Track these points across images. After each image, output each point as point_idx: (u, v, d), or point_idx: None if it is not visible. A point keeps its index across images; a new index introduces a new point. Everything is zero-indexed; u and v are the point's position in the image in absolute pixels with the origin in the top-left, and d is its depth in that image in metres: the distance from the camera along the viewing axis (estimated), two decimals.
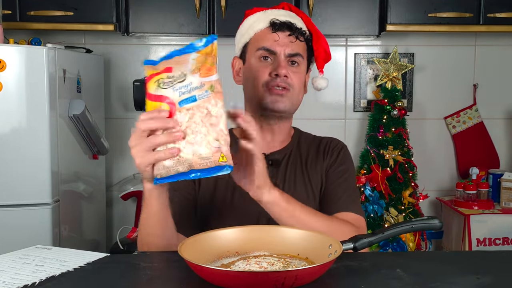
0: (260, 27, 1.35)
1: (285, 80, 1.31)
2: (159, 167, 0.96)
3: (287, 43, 1.33)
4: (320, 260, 0.90)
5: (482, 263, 1.00)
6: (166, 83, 0.96)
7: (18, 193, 2.14)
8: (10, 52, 2.10)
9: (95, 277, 0.92)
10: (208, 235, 1.01)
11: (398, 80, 2.83)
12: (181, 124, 0.94)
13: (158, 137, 0.94)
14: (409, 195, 2.74)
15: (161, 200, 1.11)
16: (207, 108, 0.94)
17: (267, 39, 1.33)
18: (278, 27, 1.33)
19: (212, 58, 0.97)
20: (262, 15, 1.37)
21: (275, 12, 1.37)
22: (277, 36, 1.33)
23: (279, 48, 1.32)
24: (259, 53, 1.34)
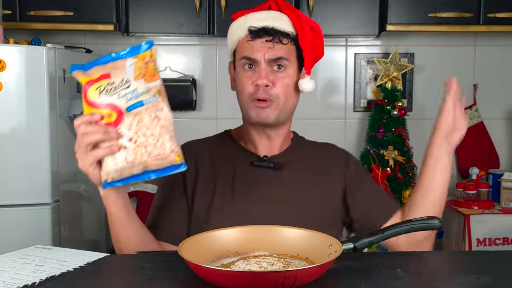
0: (241, 35, 1.30)
1: (267, 91, 1.26)
2: (110, 171, 0.99)
3: (265, 49, 1.27)
4: (320, 260, 0.90)
5: (482, 263, 1.00)
6: (110, 90, 0.98)
7: (18, 193, 2.14)
8: (10, 52, 2.10)
9: (95, 277, 0.92)
10: (208, 235, 1.01)
11: (398, 80, 2.83)
12: (131, 128, 0.97)
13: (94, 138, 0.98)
14: (409, 195, 2.74)
15: (118, 205, 1.11)
16: (155, 112, 0.98)
17: (246, 47, 1.28)
18: (255, 34, 1.28)
19: (153, 63, 1.00)
20: (242, 21, 1.31)
21: (255, 16, 1.31)
22: (254, 44, 1.28)
23: (259, 55, 1.27)
24: (242, 63, 1.29)
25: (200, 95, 2.95)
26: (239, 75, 1.31)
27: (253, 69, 1.28)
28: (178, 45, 2.96)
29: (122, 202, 1.12)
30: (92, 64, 1.01)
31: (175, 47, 2.96)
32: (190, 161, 1.31)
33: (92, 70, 1.01)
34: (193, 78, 2.90)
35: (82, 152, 1.00)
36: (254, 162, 1.33)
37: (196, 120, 2.94)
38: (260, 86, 1.26)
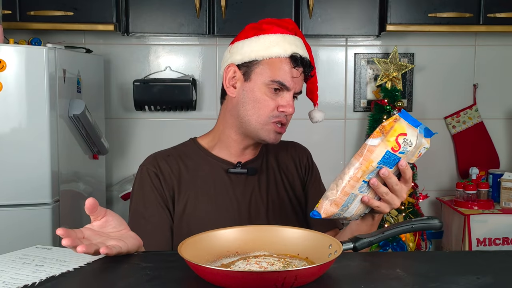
0: (280, 54, 1.28)
1: (287, 117, 1.31)
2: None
3: (299, 81, 1.31)
4: (320, 260, 0.90)
5: (482, 263, 1.00)
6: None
7: (18, 193, 2.14)
8: (10, 52, 2.10)
9: (95, 277, 0.92)
10: (208, 235, 1.01)
11: (398, 80, 2.83)
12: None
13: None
14: (409, 195, 2.74)
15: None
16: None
17: (285, 72, 1.28)
18: (298, 63, 1.29)
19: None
20: (281, 40, 1.29)
21: (294, 41, 1.31)
22: (298, 73, 1.29)
23: (293, 86, 1.29)
24: (272, 84, 1.28)
25: (200, 95, 2.95)
26: (261, 93, 1.29)
27: (278, 92, 1.30)
28: (178, 45, 2.96)
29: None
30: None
31: (175, 47, 2.96)
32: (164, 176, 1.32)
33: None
34: (193, 78, 2.90)
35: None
36: (229, 169, 1.35)
37: (196, 120, 2.94)
38: (287, 113, 1.30)
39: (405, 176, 1.07)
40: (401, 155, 1.02)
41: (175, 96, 2.80)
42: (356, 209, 1.08)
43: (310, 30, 2.65)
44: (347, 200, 1.05)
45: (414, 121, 1.03)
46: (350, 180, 1.03)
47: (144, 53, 2.95)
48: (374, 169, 1.03)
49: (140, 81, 2.82)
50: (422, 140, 1.04)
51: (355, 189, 1.04)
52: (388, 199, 1.08)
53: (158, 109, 2.88)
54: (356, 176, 1.03)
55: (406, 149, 1.02)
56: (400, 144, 1.01)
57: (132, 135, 2.97)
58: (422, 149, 1.05)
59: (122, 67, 2.94)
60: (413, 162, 1.08)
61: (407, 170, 1.06)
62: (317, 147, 2.37)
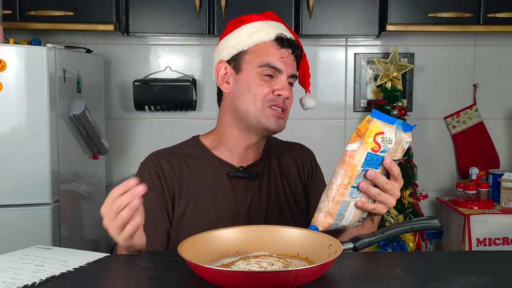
0: (264, 38, 1.27)
1: (285, 102, 1.28)
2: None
3: (291, 62, 1.29)
4: (320, 260, 0.90)
5: (482, 263, 1.00)
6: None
7: (18, 193, 2.14)
8: (10, 52, 2.10)
9: (95, 277, 0.92)
10: (208, 235, 1.01)
11: (398, 80, 2.83)
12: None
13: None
14: (409, 195, 2.74)
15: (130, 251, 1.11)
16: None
17: (273, 54, 1.26)
18: (285, 45, 1.27)
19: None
20: (263, 25, 1.29)
21: (278, 25, 1.30)
22: (285, 53, 1.27)
23: (285, 68, 1.27)
24: (263, 70, 1.26)
25: (200, 95, 2.95)
26: (253, 80, 1.27)
27: (272, 78, 1.28)
28: (178, 45, 2.96)
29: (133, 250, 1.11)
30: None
31: (175, 47, 2.96)
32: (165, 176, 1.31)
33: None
34: (193, 78, 2.90)
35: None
36: (230, 173, 1.33)
37: (196, 120, 2.94)
38: (283, 97, 1.27)
39: (393, 174, 1.06)
40: (383, 153, 1.02)
41: (175, 96, 2.80)
42: (352, 216, 1.07)
43: (310, 30, 2.65)
44: (340, 209, 1.04)
45: (388, 118, 1.02)
46: (339, 189, 1.03)
47: (144, 53, 2.95)
48: (360, 173, 1.02)
49: (140, 81, 2.82)
50: (402, 135, 1.04)
51: (346, 196, 1.03)
52: (382, 199, 1.07)
53: (158, 109, 2.88)
54: (343, 183, 1.02)
55: (387, 147, 1.02)
56: (379, 144, 1.01)
57: (132, 135, 2.97)
58: (404, 143, 1.05)
59: (122, 67, 2.94)
60: (399, 159, 1.07)
61: (394, 167, 1.05)
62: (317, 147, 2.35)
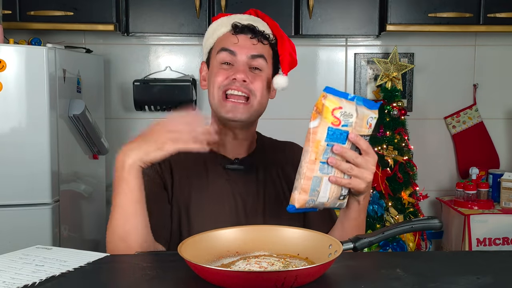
0: (223, 30, 1.33)
1: (244, 85, 1.27)
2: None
3: (248, 45, 1.30)
4: (320, 260, 0.90)
5: (482, 263, 1.00)
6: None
7: (18, 193, 2.14)
8: (10, 52, 2.10)
9: (95, 277, 0.92)
10: (208, 235, 1.01)
11: (398, 80, 2.83)
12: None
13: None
14: (409, 195, 2.74)
15: (139, 184, 1.13)
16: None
17: (228, 41, 1.30)
18: (240, 30, 1.30)
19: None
20: (225, 20, 1.34)
21: (238, 16, 1.35)
22: (236, 39, 1.30)
23: (240, 50, 1.29)
24: (220, 56, 1.30)
25: (200, 95, 2.95)
26: (214, 68, 1.32)
27: (231, 66, 1.30)
28: (178, 45, 2.96)
29: (141, 182, 1.14)
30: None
31: (175, 47, 2.96)
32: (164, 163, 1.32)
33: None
34: (193, 78, 2.90)
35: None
36: (226, 165, 1.35)
37: None
38: (238, 80, 1.27)
39: (362, 147, 1.07)
40: (345, 128, 1.03)
41: (175, 96, 2.80)
42: (329, 192, 1.07)
43: (310, 30, 2.65)
44: (313, 184, 1.05)
45: (344, 94, 1.03)
46: (307, 165, 1.04)
47: (144, 53, 2.95)
48: (325, 148, 1.03)
49: (140, 81, 2.82)
50: (364, 111, 1.05)
51: (316, 171, 1.05)
52: (356, 174, 1.08)
53: (158, 109, 2.88)
54: (310, 159, 1.04)
55: (348, 121, 1.03)
56: (339, 118, 1.01)
57: (132, 135, 2.97)
58: (369, 119, 1.06)
59: (122, 67, 2.94)
60: (367, 134, 1.08)
61: (361, 141, 1.06)
62: None
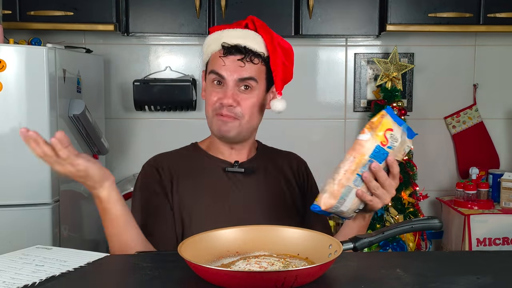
0: (215, 48, 1.34)
1: (231, 110, 1.30)
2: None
3: (235, 68, 1.30)
4: (320, 260, 0.90)
5: (482, 263, 1.00)
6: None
7: (18, 193, 2.13)
8: (10, 52, 2.10)
9: (95, 277, 0.92)
10: (208, 235, 1.01)
11: (398, 80, 2.83)
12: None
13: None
14: (409, 195, 2.74)
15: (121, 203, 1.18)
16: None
17: (217, 63, 1.32)
18: (227, 51, 1.31)
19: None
20: (218, 36, 1.34)
21: (230, 33, 1.33)
22: (223, 62, 1.31)
23: (227, 73, 1.30)
24: (211, 77, 1.33)
25: (200, 95, 2.95)
26: (208, 88, 1.36)
27: (221, 85, 1.32)
28: (178, 45, 2.95)
29: (123, 201, 1.18)
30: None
31: (175, 47, 2.96)
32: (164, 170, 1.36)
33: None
34: (193, 78, 2.90)
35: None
36: (226, 168, 1.37)
37: (196, 120, 2.94)
38: (224, 105, 1.30)
39: (393, 171, 1.13)
40: (389, 150, 1.09)
41: (175, 96, 2.80)
42: (351, 203, 1.12)
43: (310, 30, 2.65)
44: (343, 192, 1.10)
45: (397, 119, 1.10)
46: (346, 173, 1.09)
47: (144, 53, 2.95)
48: (366, 163, 1.09)
49: (140, 81, 2.81)
50: (405, 139, 1.11)
51: (350, 181, 1.10)
52: (379, 194, 1.13)
53: (158, 109, 2.88)
54: (350, 168, 1.09)
55: (393, 144, 1.09)
56: (388, 139, 1.08)
57: (132, 135, 2.97)
58: (406, 147, 1.13)
59: (122, 67, 2.94)
60: (400, 160, 1.14)
61: (395, 165, 1.12)
62: (317, 147, 2.41)
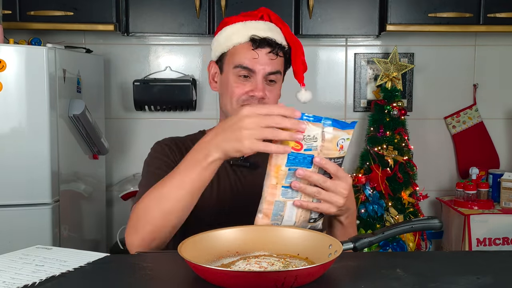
0: (240, 40, 1.32)
1: (261, 102, 1.31)
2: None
3: (267, 61, 1.30)
4: (320, 260, 0.90)
5: (482, 263, 1.00)
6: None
7: (18, 193, 2.14)
8: (10, 52, 2.10)
9: (95, 277, 0.92)
10: (208, 235, 1.01)
11: (398, 80, 2.83)
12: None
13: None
14: (409, 195, 2.74)
15: (210, 177, 1.10)
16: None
17: (246, 56, 1.30)
18: (259, 44, 1.30)
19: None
20: (242, 27, 1.33)
21: (255, 25, 1.32)
22: (256, 54, 1.30)
23: (259, 67, 1.30)
24: (237, 71, 1.31)
25: (200, 95, 2.95)
26: (230, 81, 1.33)
27: (247, 78, 1.31)
28: (178, 45, 2.96)
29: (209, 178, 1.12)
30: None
31: (175, 47, 2.96)
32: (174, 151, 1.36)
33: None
34: (193, 78, 2.90)
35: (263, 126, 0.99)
36: (231, 161, 1.37)
37: (196, 120, 2.94)
38: (257, 97, 1.30)
39: (330, 172, 1.03)
40: (309, 152, 0.99)
41: (175, 96, 2.80)
42: (295, 216, 1.05)
43: (310, 30, 2.65)
44: (275, 209, 1.03)
45: (315, 118, 0.99)
46: (268, 189, 1.02)
47: (144, 53, 2.95)
48: (287, 173, 1.00)
49: (140, 81, 2.82)
50: (335, 133, 1.00)
51: (277, 196, 1.02)
52: (325, 198, 1.05)
53: (158, 109, 2.88)
54: (271, 184, 1.02)
55: (312, 145, 0.99)
56: (301, 142, 0.98)
57: (132, 135, 2.97)
58: (340, 140, 1.02)
59: (122, 67, 2.94)
60: (340, 156, 1.04)
61: (327, 165, 1.01)
62: None
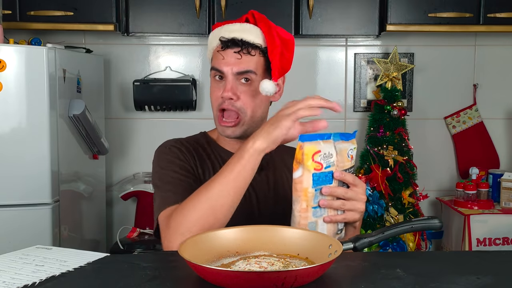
0: (214, 45, 1.35)
1: (232, 103, 1.30)
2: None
3: (234, 61, 1.30)
4: (320, 260, 0.90)
5: (482, 263, 1.00)
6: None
7: (18, 193, 2.14)
8: (10, 52, 2.10)
9: (95, 277, 0.92)
10: (208, 235, 1.01)
11: (398, 80, 2.83)
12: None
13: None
14: (409, 195, 2.74)
15: (254, 170, 1.13)
16: None
17: (216, 58, 1.33)
18: (225, 45, 1.31)
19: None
20: (217, 32, 1.35)
21: (229, 28, 1.33)
22: (222, 56, 1.31)
23: (226, 68, 1.30)
24: (213, 74, 1.35)
25: (200, 95, 2.95)
26: (211, 85, 1.37)
27: (222, 80, 1.33)
28: (178, 45, 2.96)
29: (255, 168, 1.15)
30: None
31: (175, 47, 2.96)
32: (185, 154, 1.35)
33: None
34: (193, 78, 2.90)
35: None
36: None
37: (196, 120, 2.94)
38: (224, 98, 1.30)
39: (349, 182, 1.10)
40: (329, 169, 1.05)
41: (175, 96, 2.80)
42: (327, 230, 1.09)
43: (310, 30, 2.65)
44: (310, 229, 1.07)
45: (321, 136, 1.05)
46: (300, 214, 1.06)
47: (144, 53, 2.95)
48: (314, 194, 1.05)
49: (140, 81, 2.82)
50: (343, 145, 1.08)
51: (309, 218, 1.06)
52: (349, 207, 1.11)
53: (158, 109, 2.88)
54: (302, 208, 1.06)
55: (330, 161, 1.05)
56: (320, 162, 1.03)
57: (132, 135, 2.97)
58: (349, 151, 1.09)
59: (122, 67, 2.94)
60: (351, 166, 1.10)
61: (346, 177, 1.09)
62: None
